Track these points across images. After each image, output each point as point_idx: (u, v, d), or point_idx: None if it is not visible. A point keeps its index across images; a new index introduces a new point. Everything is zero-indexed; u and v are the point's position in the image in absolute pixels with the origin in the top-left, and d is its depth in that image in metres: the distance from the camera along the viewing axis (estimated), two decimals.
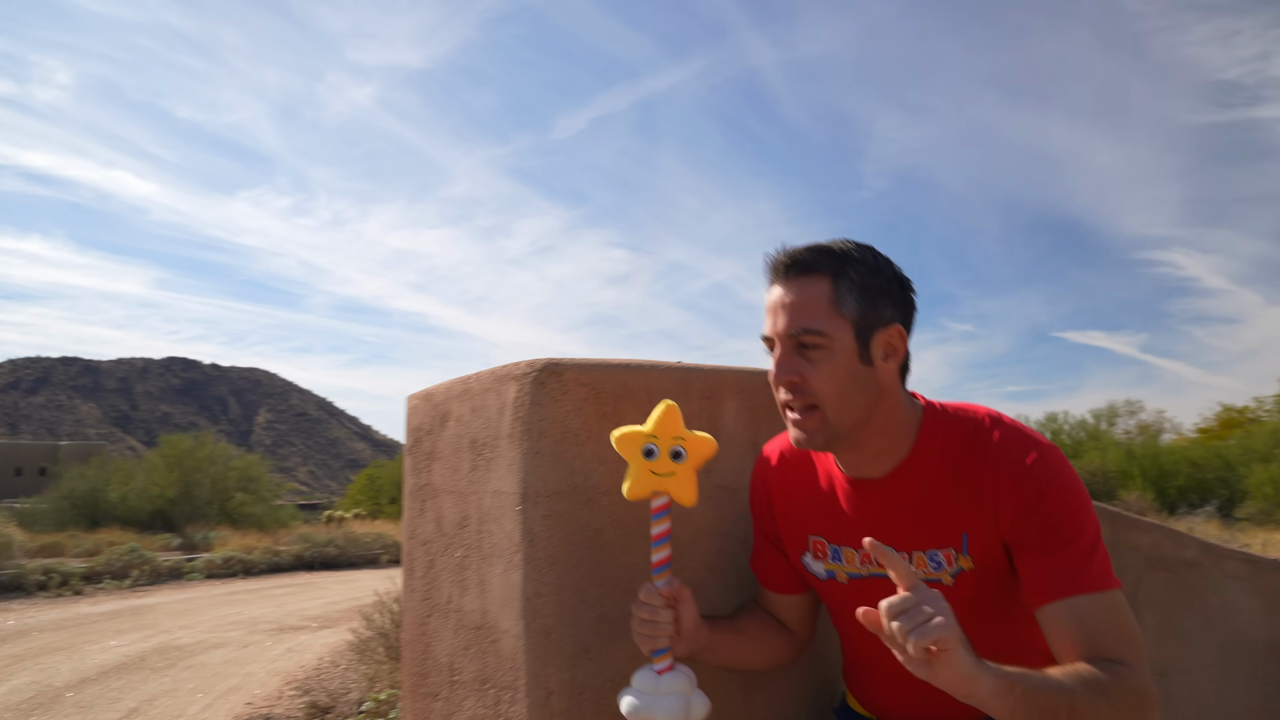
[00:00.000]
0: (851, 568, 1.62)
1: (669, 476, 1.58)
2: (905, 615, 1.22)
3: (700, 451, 1.61)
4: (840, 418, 1.48)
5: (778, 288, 1.52)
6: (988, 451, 1.47)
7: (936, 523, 1.51)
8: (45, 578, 13.15)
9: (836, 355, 1.47)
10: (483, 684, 1.86)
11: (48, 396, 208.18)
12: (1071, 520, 1.41)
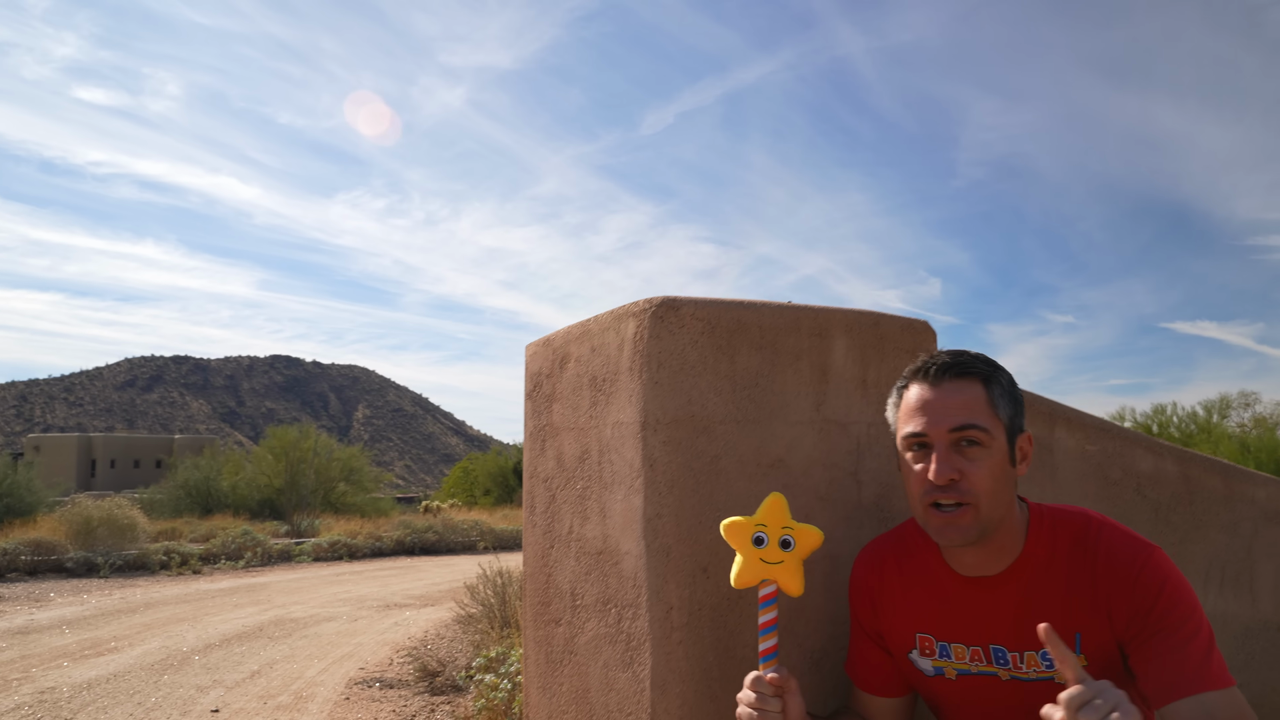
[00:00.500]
0: (961, 664, 1.65)
1: (777, 565, 1.63)
2: (1088, 708, 1.24)
3: (807, 542, 1.66)
4: (991, 514, 1.54)
5: (927, 388, 1.60)
6: (1098, 551, 1.53)
7: (1048, 620, 1.53)
8: (167, 558, 13.87)
9: (994, 454, 1.55)
10: (604, 605, 1.97)
11: (161, 394, 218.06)
12: (1188, 618, 1.46)
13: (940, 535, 1.57)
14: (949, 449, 1.54)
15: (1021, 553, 1.59)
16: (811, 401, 1.98)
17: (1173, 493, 2.69)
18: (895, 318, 2.13)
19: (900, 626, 1.72)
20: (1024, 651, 1.58)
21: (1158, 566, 1.49)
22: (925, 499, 1.57)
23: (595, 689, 1.98)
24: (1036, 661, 1.57)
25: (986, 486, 1.53)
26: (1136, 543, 1.53)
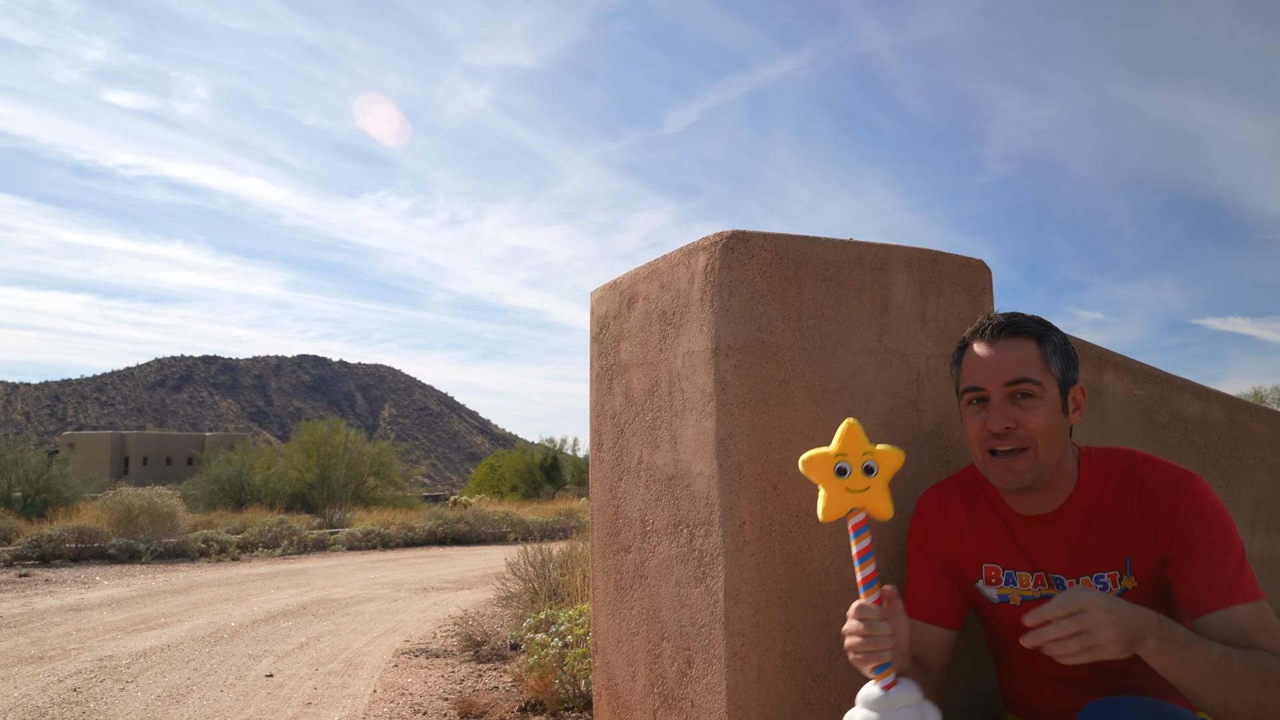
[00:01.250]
0: (1025, 590, 1.80)
1: (864, 492, 1.64)
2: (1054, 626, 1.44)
3: (890, 463, 1.66)
4: (1047, 458, 1.70)
5: (984, 346, 1.76)
6: (1145, 480, 1.70)
7: (1101, 549, 1.71)
8: (206, 545, 14.11)
9: (1047, 404, 1.70)
10: (676, 527, 2.06)
11: (191, 393, 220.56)
12: (1223, 536, 1.61)
13: (999, 480, 1.72)
14: (1004, 400, 1.70)
15: (1074, 490, 1.74)
16: (874, 332, 2.07)
17: (1219, 437, 2.75)
18: (953, 255, 2.21)
19: (969, 559, 1.85)
20: (1079, 576, 1.74)
21: (1199, 492, 1.65)
22: (984, 447, 1.73)
23: (667, 607, 2.08)
24: (1090, 584, 1.72)
25: (1041, 432, 1.68)
26: (1178, 471, 1.69)
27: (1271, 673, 1.46)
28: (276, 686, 5.01)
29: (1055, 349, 1.73)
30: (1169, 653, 1.44)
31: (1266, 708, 1.45)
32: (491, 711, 4.27)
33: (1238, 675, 1.44)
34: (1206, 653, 1.45)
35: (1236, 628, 1.53)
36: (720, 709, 1.87)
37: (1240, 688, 1.44)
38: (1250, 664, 1.45)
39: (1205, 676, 1.44)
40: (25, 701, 4.65)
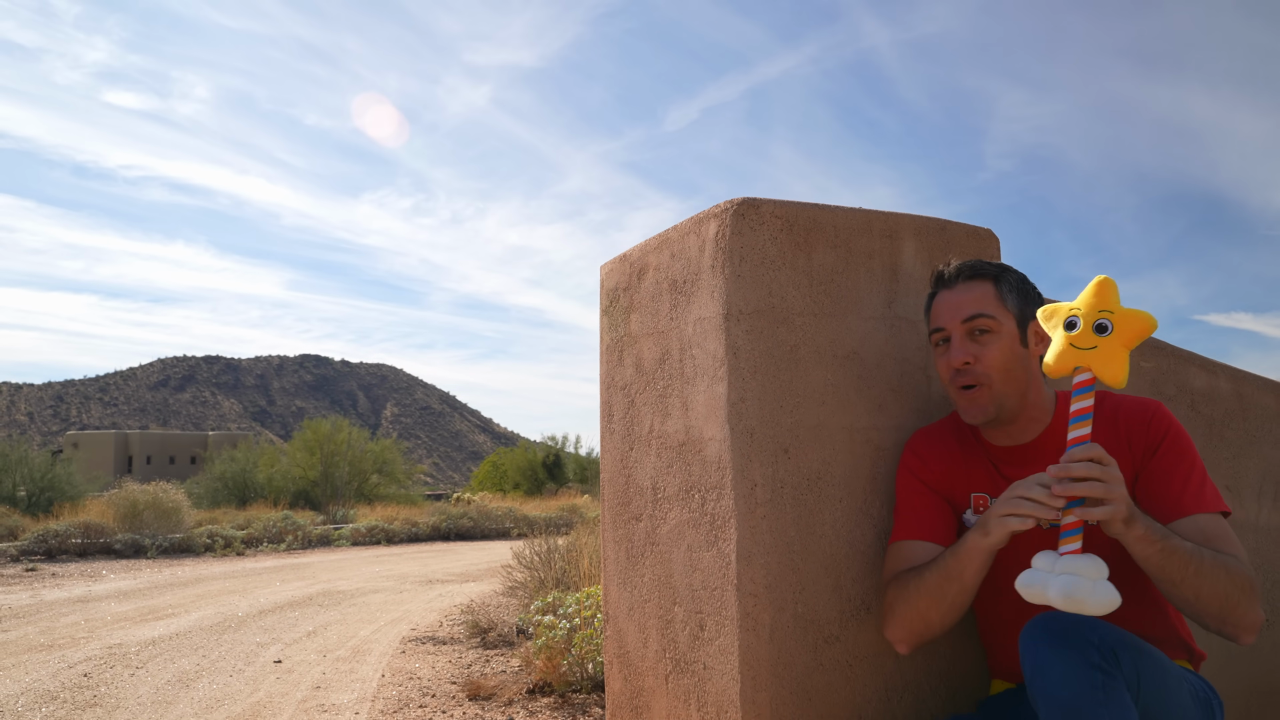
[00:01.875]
0: None
1: (1090, 351, 1.55)
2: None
3: (1131, 326, 1.54)
4: (1005, 390, 1.80)
5: (946, 291, 1.88)
6: (1119, 405, 1.82)
7: None
8: (210, 540, 14.15)
9: (1003, 338, 1.80)
10: (687, 492, 2.08)
11: (193, 393, 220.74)
12: (1188, 452, 1.76)
13: (966, 414, 1.84)
14: (963, 338, 1.82)
15: (1052, 421, 1.85)
16: (883, 298, 2.09)
17: (1226, 409, 2.77)
18: (961, 224, 2.23)
19: (959, 489, 1.92)
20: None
21: (1164, 414, 1.80)
22: (952, 384, 1.85)
23: (679, 572, 2.10)
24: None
25: (998, 365, 1.79)
26: (1145, 399, 1.84)
27: (1234, 568, 1.60)
28: (285, 672, 5.04)
29: (1011, 287, 1.84)
30: (1153, 540, 1.56)
31: (1232, 599, 1.59)
32: (500, 693, 4.29)
33: (1209, 568, 1.57)
34: (1182, 545, 1.58)
35: (1201, 533, 1.67)
36: (732, 669, 1.89)
37: (1211, 579, 1.57)
38: (1218, 560, 1.60)
39: (1182, 566, 1.57)
40: (37, 686, 4.68)
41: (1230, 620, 1.61)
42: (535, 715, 3.91)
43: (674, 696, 2.10)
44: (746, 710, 1.86)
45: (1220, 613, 1.60)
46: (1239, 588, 1.59)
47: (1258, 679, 2.75)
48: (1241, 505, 2.77)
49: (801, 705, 1.90)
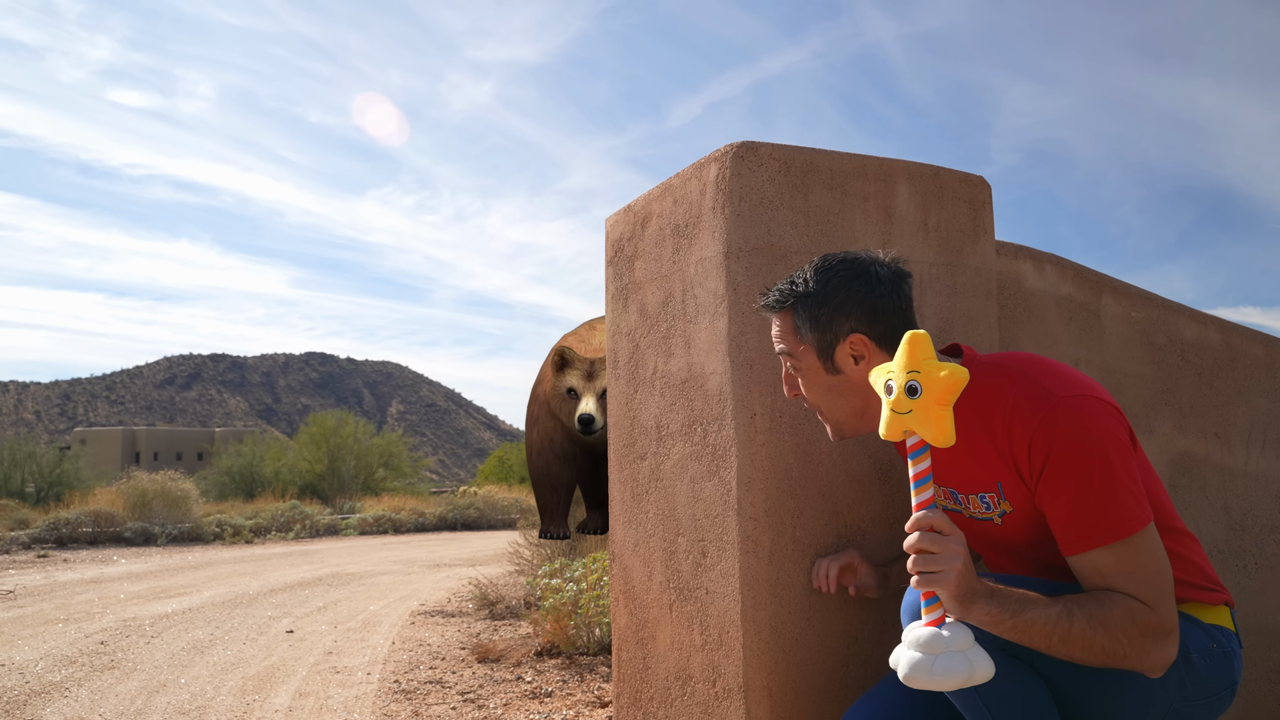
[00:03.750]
0: (941, 500, 1.80)
1: (908, 415, 1.51)
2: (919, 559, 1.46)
3: (942, 384, 1.47)
4: (836, 417, 1.78)
5: (773, 320, 1.82)
6: (1007, 408, 1.59)
7: (979, 470, 1.67)
8: (219, 529, 14.28)
9: (808, 374, 1.77)
10: (690, 427, 2.16)
11: (199, 391, 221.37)
12: (1080, 475, 1.52)
13: None
14: (787, 372, 1.82)
15: None
16: (878, 239, 2.16)
17: (1215, 359, 2.84)
18: (954, 171, 2.30)
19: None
20: (968, 494, 1.72)
21: (1055, 424, 1.54)
22: None
23: (682, 504, 2.18)
24: (978, 504, 1.71)
25: (814, 398, 1.78)
26: (1041, 395, 1.58)
27: (1119, 623, 1.45)
28: (297, 640, 5.13)
29: (805, 315, 1.73)
30: (1000, 620, 1.44)
31: (1116, 654, 1.46)
32: (508, 655, 4.38)
33: (1079, 632, 1.44)
34: (1044, 615, 1.45)
35: (1095, 570, 1.51)
36: (734, 590, 1.97)
37: (1083, 642, 1.45)
38: (1095, 618, 1.45)
39: (1043, 638, 1.45)
40: (55, 653, 4.78)
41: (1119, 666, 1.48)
42: (543, 674, 4.00)
43: (678, 624, 2.19)
44: (747, 628, 1.95)
45: (1106, 664, 1.48)
46: (1125, 641, 1.45)
47: (1251, 620, 2.81)
48: (1230, 452, 2.84)
49: (800, 624, 1.98)
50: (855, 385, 1.73)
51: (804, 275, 1.74)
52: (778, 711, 1.94)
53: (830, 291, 1.71)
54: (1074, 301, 2.65)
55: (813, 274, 1.74)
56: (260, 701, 3.70)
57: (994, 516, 1.70)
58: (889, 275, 1.72)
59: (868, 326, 1.70)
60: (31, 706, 3.66)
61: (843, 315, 1.70)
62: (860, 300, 1.70)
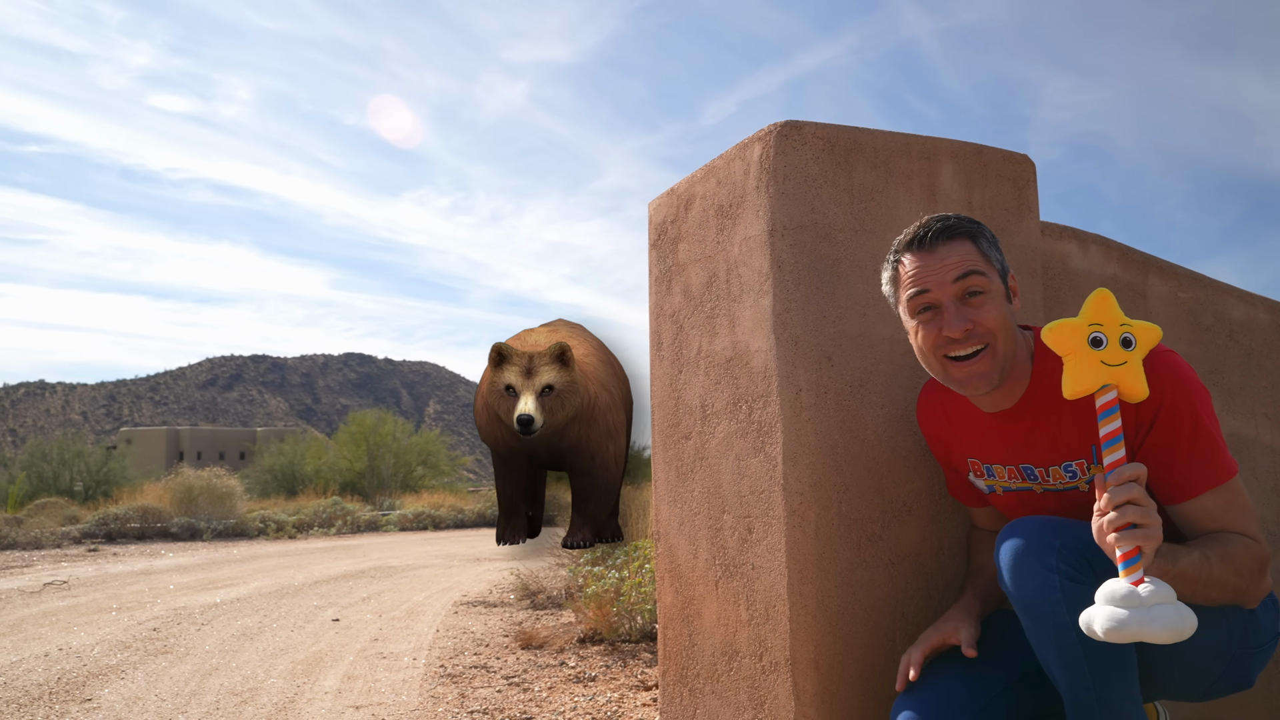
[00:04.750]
0: (1003, 481, 1.84)
1: (1120, 367, 1.49)
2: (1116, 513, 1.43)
3: (1147, 338, 1.52)
4: (1007, 350, 1.68)
5: (922, 254, 1.71)
6: None
7: (1067, 438, 1.70)
8: (263, 524, 14.52)
9: (995, 297, 1.68)
10: (735, 405, 2.18)
11: (241, 391, 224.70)
12: (1190, 425, 1.59)
13: (965, 386, 1.70)
14: (956, 303, 1.67)
15: (1030, 383, 1.73)
16: (921, 217, 2.17)
17: (1265, 339, 2.81)
18: (998, 149, 2.31)
19: (957, 454, 1.92)
20: (1049, 466, 1.75)
21: (1160, 378, 1.57)
22: (939, 354, 1.70)
23: (727, 481, 2.20)
24: (1061, 474, 1.74)
25: (998, 325, 1.66)
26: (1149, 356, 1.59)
27: (1243, 560, 1.57)
28: (343, 628, 5.22)
29: (989, 242, 1.73)
30: (1165, 570, 1.47)
31: (1240, 591, 1.59)
32: (551, 642, 4.42)
33: (1217, 575, 1.54)
34: (1190, 561, 1.51)
35: (1206, 514, 1.62)
36: (780, 565, 1.99)
37: (1220, 583, 1.55)
38: (1225, 558, 1.55)
39: (1191, 583, 1.51)
40: (110, 638, 4.91)
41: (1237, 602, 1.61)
42: (587, 660, 4.04)
43: (724, 600, 2.21)
44: (794, 602, 1.97)
45: (1234, 600, 1.60)
46: (1248, 577, 1.58)
47: None
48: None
49: (846, 598, 1.99)
50: (1015, 320, 1.73)
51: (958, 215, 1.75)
52: (824, 684, 1.95)
53: (992, 232, 1.77)
54: (1119, 281, 2.64)
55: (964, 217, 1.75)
56: (309, 684, 3.78)
57: (1079, 484, 1.73)
58: None
59: None
60: (90, 686, 3.76)
61: (1003, 253, 1.77)
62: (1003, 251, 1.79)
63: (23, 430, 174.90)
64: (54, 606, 6.23)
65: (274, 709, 3.38)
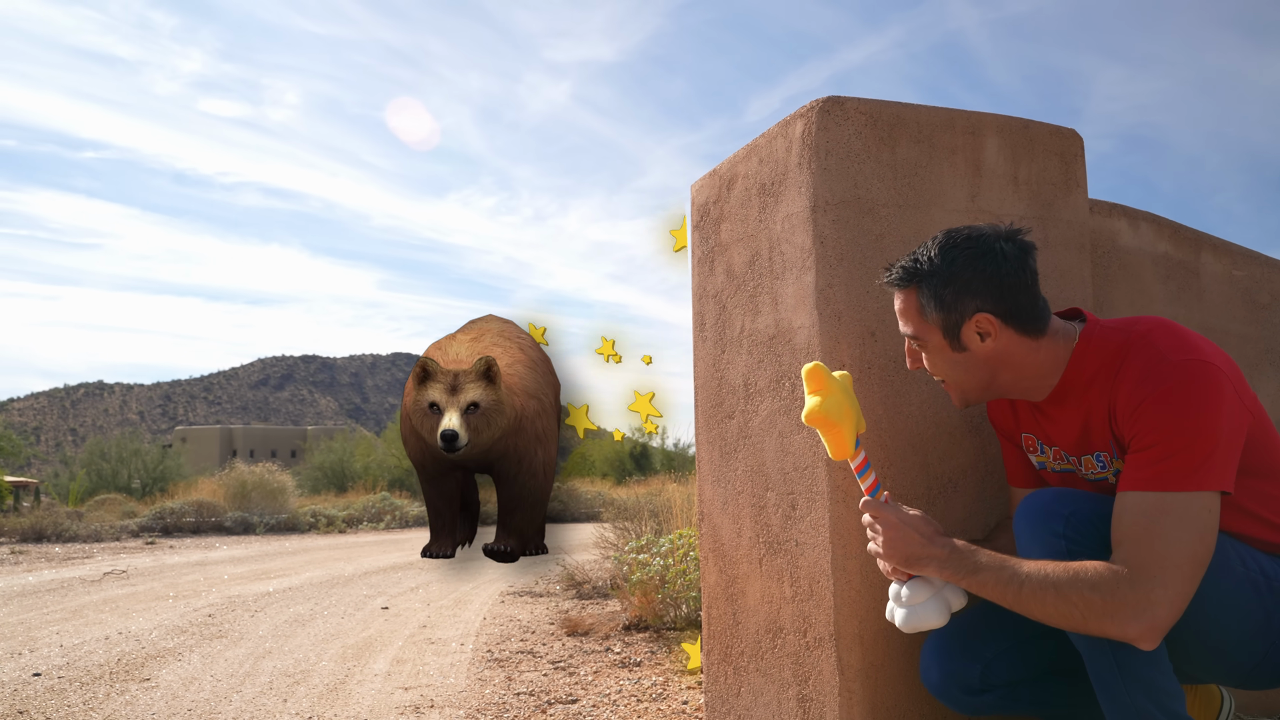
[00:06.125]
0: (1052, 461, 1.84)
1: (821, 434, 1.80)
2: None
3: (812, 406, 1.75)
4: (964, 388, 1.77)
5: (895, 295, 1.81)
6: (1121, 365, 1.62)
7: (1095, 430, 1.70)
8: (314, 519, 14.75)
9: (933, 350, 1.75)
10: (778, 382, 2.19)
11: (291, 391, 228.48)
12: (1159, 426, 1.52)
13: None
14: (911, 347, 1.81)
15: (1062, 377, 1.71)
16: (966, 192, 2.15)
17: None
18: (1044, 124, 2.28)
19: (1015, 432, 1.92)
20: (1081, 456, 1.75)
21: (1159, 380, 1.54)
22: None
23: (770, 460, 2.20)
24: (1093, 464, 1.73)
25: (941, 373, 1.78)
26: (1156, 354, 1.58)
27: (1072, 585, 1.47)
28: (393, 616, 5.30)
29: (929, 296, 1.70)
30: (957, 579, 1.62)
31: (1071, 617, 1.48)
32: (597, 629, 4.45)
33: (1028, 595, 1.50)
34: (996, 576, 1.55)
35: (1119, 514, 1.52)
36: (824, 540, 1.99)
37: (1033, 606, 1.51)
38: (1051, 578, 1.48)
39: (997, 597, 1.56)
40: (166, 623, 5.03)
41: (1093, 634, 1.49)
42: (632, 646, 4.06)
43: (768, 578, 2.21)
44: (838, 577, 1.96)
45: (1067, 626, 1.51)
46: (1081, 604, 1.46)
47: None
48: None
49: None
50: (981, 360, 1.72)
51: (928, 253, 1.71)
52: (869, 658, 1.95)
53: (955, 270, 1.68)
54: (1171, 259, 2.59)
55: (937, 251, 1.70)
56: (360, 667, 3.84)
57: (1108, 475, 1.72)
58: (1014, 251, 1.69)
59: (994, 304, 1.68)
60: (149, 667, 3.86)
61: (969, 295, 1.68)
62: (986, 279, 1.67)
63: (83, 429, 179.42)
64: (114, 594, 6.40)
65: (325, 689, 3.45)
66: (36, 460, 60.80)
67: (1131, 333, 1.64)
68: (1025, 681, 1.81)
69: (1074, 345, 1.71)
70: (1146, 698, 1.50)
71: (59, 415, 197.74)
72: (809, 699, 2.04)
